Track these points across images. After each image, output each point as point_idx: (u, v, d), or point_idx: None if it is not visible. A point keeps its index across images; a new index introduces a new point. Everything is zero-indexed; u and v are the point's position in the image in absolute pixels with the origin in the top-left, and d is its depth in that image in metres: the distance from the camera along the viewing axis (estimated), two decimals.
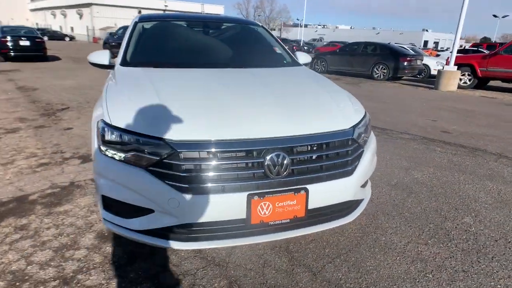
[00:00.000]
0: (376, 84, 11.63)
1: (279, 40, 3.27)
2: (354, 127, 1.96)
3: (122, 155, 1.67)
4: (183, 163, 1.60)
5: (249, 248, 2.08)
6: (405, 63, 12.72)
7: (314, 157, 1.80)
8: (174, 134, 1.63)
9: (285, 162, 1.68)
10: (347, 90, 2.57)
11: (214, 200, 1.61)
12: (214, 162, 1.62)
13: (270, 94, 2.10)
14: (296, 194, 1.71)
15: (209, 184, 1.61)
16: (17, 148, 3.77)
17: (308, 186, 1.74)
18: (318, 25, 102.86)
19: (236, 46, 3.05)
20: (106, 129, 1.74)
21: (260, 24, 3.49)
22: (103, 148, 1.73)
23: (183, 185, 1.59)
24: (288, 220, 1.75)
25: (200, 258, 1.99)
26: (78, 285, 1.76)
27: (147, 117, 1.73)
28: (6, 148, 3.77)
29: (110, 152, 1.70)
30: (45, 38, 40.41)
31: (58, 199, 2.64)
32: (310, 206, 1.78)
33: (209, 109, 1.82)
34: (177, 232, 1.69)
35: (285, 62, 3.03)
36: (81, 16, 46.17)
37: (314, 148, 1.80)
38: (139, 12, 48.12)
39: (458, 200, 2.85)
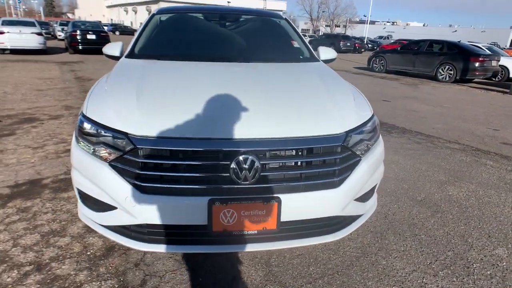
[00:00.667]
0: (438, 87, 10.61)
1: (300, 34, 3.06)
2: (347, 132, 1.72)
3: (92, 147, 1.65)
4: (142, 160, 1.53)
5: (226, 256, 1.96)
6: (476, 64, 11.40)
7: (291, 163, 1.61)
8: (138, 129, 1.57)
9: (254, 166, 1.52)
10: (402, 91, 2.32)
11: (173, 202, 1.52)
12: (175, 161, 1.53)
13: (260, 92, 1.94)
14: (265, 203, 1.54)
15: (169, 185, 1.52)
16: (52, 134, 4.07)
17: (281, 196, 1.56)
18: (387, 21, 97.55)
19: (249, 39, 2.91)
20: (82, 120, 1.74)
21: (284, 17, 3.31)
22: (79, 139, 1.74)
23: (141, 184, 1.52)
24: (256, 232, 1.59)
25: (174, 260, 1.92)
26: (49, 272, 1.79)
27: (118, 111, 1.69)
28: (43, 133, 4.10)
29: (82, 144, 1.70)
30: (117, 32, 44.10)
31: (66, 185, 2.76)
32: (284, 219, 1.60)
33: (184, 105, 1.72)
34: (138, 232, 1.63)
35: (301, 57, 2.82)
36: (149, 12, 49.37)
37: (292, 153, 1.61)
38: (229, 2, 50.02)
39: (495, 227, 2.41)
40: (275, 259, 1.97)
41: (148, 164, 1.53)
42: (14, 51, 13.17)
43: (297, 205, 1.61)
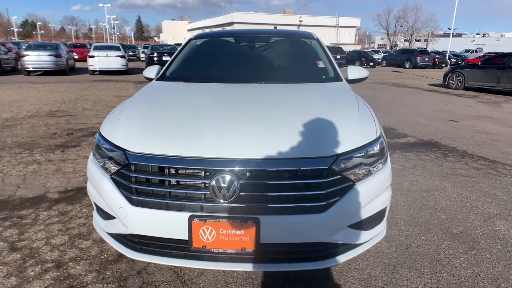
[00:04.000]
0: None
1: (329, 54, 3.02)
2: (338, 156, 1.66)
3: (101, 161, 1.86)
4: (134, 175, 1.67)
5: (221, 274, 1.99)
6: None
7: (272, 185, 1.60)
8: (134, 146, 1.72)
9: (232, 186, 1.56)
10: (477, 110, 2.24)
11: (157, 215, 1.62)
12: (160, 177, 1.64)
13: (260, 113, 1.99)
14: (243, 223, 1.56)
15: (154, 199, 1.64)
16: None
17: (261, 217, 1.56)
18: (477, 34, 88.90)
19: (274, 60, 2.98)
20: (97, 137, 1.98)
21: (315, 37, 3.30)
22: (94, 153, 1.97)
23: (132, 196, 1.67)
24: (235, 251, 1.61)
25: (173, 272, 2.02)
26: (64, 271, 2.03)
27: (124, 130, 1.88)
28: None
29: (95, 158, 1.92)
30: None
31: None
32: (264, 240, 1.59)
33: (180, 126, 1.85)
34: (132, 241, 1.77)
35: (323, 77, 2.78)
36: None
37: (273, 174, 1.61)
38: (275, 27, 51.67)
39: None
40: (268, 281, 1.94)
41: (138, 178, 1.67)
42: (102, 72, 15.15)
43: (278, 228, 1.59)
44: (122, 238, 1.80)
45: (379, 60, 32.27)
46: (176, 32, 77.36)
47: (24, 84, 11.23)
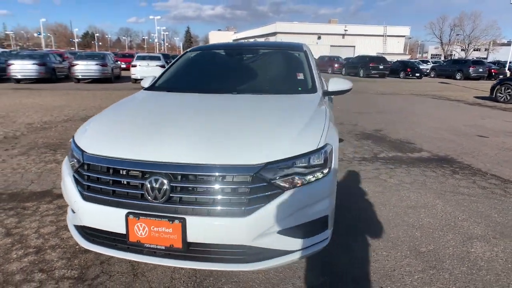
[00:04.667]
0: None
1: (312, 66, 3.09)
2: (268, 164, 1.76)
3: (71, 160, 2.13)
4: (86, 173, 1.91)
5: (170, 270, 2.15)
6: None
7: (199, 188, 1.75)
8: (90, 148, 1.97)
9: (163, 187, 1.73)
10: None
11: (101, 210, 1.83)
12: (106, 177, 1.86)
13: (213, 122, 2.14)
14: (171, 222, 1.72)
15: (100, 195, 1.85)
16: None
17: (187, 217, 1.71)
18: None
19: (256, 72, 3.12)
20: (72, 139, 2.26)
21: (304, 49, 3.39)
22: (68, 155, 2.25)
23: (84, 192, 1.90)
24: (164, 248, 1.77)
25: (130, 265, 2.22)
26: (41, 256, 2.32)
27: (90, 133, 2.14)
28: None
29: (68, 159, 2.20)
30: None
31: None
32: (191, 239, 1.74)
33: (134, 131, 2.06)
34: (87, 232, 2.00)
35: (299, 89, 2.86)
36: None
37: (201, 178, 1.76)
38: (319, 37, 51.46)
39: None
40: (211, 281, 2.06)
41: (90, 176, 1.90)
42: None
43: (203, 229, 1.72)
44: (81, 230, 2.04)
45: (427, 71, 30.79)
46: (221, 42, 79.88)
47: (72, 91, 12.39)
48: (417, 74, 26.84)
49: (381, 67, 26.04)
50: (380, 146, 5.50)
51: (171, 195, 1.74)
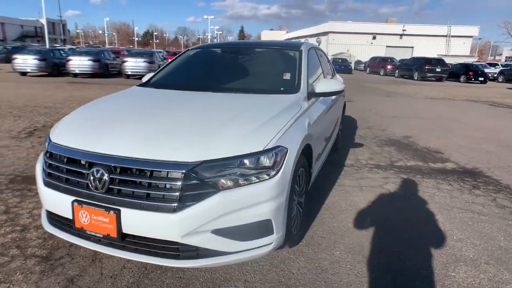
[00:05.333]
0: None
1: (302, 67, 3.00)
2: (203, 162, 1.77)
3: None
4: (47, 160, 2.06)
5: (125, 260, 2.22)
6: None
7: (135, 181, 1.80)
8: (55, 137, 2.12)
9: (103, 178, 1.81)
10: None
11: (54, 196, 1.97)
12: (60, 165, 1.99)
13: (173, 117, 2.20)
14: (108, 212, 1.80)
15: (55, 182, 1.99)
16: None
17: (122, 209, 1.78)
18: None
19: (245, 71, 3.11)
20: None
21: (301, 48, 3.30)
22: None
23: (44, 178, 2.05)
24: (102, 236, 1.85)
25: (93, 251, 2.34)
26: (23, 234, 2.54)
27: (61, 123, 2.31)
28: None
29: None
30: None
31: None
32: (126, 230, 1.80)
33: (97, 124, 2.18)
34: (49, 216, 2.15)
35: (281, 89, 2.80)
36: (319, 43, 52.51)
37: (137, 173, 1.81)
38: (374, 37, 49.40)
39: None
40: (157, 274, 2.11)
41: (50, 164, 2.05)
42: None
43: (135, 221, 1.78)
44: (48, 214, 2.20)
45: (494, 75, 28.13)
46: None
47: (120, 86, 13.26)
48: (481, 79, 24.65)
49: (438, 69, 24.33)
50: (402, 154, 5.17)
51: (110, 186, 1.81)
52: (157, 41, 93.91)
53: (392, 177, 4.10)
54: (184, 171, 1.75)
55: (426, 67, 24.27)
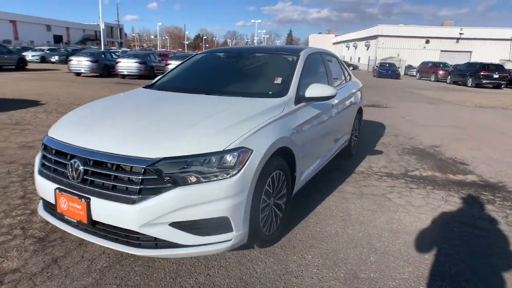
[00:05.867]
0: None
1: (296, 71, 3.05)
2: (162, 159, 1.91)
3: None
4: (43, 152, 2.33)
5: (105, 248, 2.43)
6: None
7: (103, 173, 1.99)
8: (51, 131, 2.39)
9: (79, 169, 2.03)
10: None
11: (44, 183, 2.24)
12: (50, 156, 2.25)
13: (151, 116, 2.38)
14: (80, 200, 2.01)
15: (45, 171, 2.26)
16: None
17: (92, 198, 1.98)
18: None
19: (239, 75, 3.24)
20: None
21: (300, 54, 3.34)
22: None
23: (39, 168, 2.33)
24: (76, 221, 2.07)
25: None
26: (30, 217, 2.86)
27: (61, 119, 2.60)
28: None
29: None
30: None
31: None
32: (95, 218, 2.00)
33: (88, 122, 2.42)
34: (44, 201, 2.42)
35: (270, 93, 2.86)
36: (368, 47, 50.98)
37: (104, 165, 2.00)
38: (427, 41, 46.93)
39: None
40: (130, 261, 2.29)
41: (43, 155, 2.32)
42: None
43: (102, 210, 1.97)
44: (43, 200, 2.48)
45: None
46: (321, 45, 79.34)
47: None
48: None
49: (495, 76, 22.56)
50: (421, 164, 4.95)
51: (84, 177, 2.02)
52: (207, 44, 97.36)
53: (399, 186, 3.97)
54: (144, 166, 1.90)
55: (482, 73, 22.60)
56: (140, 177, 1.91)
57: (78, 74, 17.90)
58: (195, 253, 2.02)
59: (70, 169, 2.06)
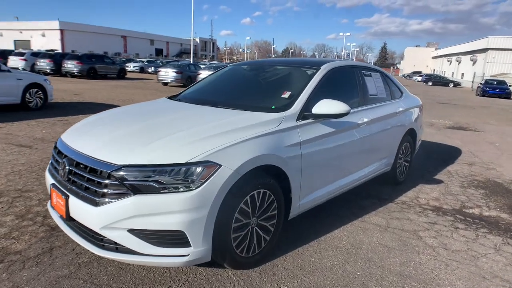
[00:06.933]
0: None
1: (311, 86, 2.91)
2: (125, 166, 2.01)
3: None
4: (53, 152, 2.64)
5: None
6: None
7: (78, 174, 2.18)
8: (63, 134, 2.70)
9: (65, 168, 2.25)
10: None
11: (48, 179, 2.53)
12: (54, 155, 2.54)
13: (146, 126, 2.51)
14: (62, 197, 2.22)
15: (51, 167, 2.56)
16: None
17: (70, 196, 2.18)
18: None
19: (253, 87, 3.22)
20: None
21: (322, 67, 3.18)
22: None
23: (49, 165, 2.65)
24: (59, 215, 2.29)
25: None
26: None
27: (76, 124, 2.91)
28: None
29: None
30: (430, 83, 44.29)
31: None
32: (72, 215, 2.19)
33: (91, 127, 2.66)
34: None
35: (272, 107, 2.77)
36: (474, 62, 45.68)
37: (80, 166, 2.18)
38: None
39: None
40: (106, 260, 2.42)
41: (53, 154, 2.63)
42: None
43: (75, 208, 2.15)
44: None
45: None
46: (418, 59, 73.91)
47: None
48: None
49: None
50: (487, 200, 4.22)
51: (69, 176, 2.24)
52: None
53: (441, 224, 3.44)
54: (108, 171, 2.02)
55: None
56: (105, 181, 2.03)
57: (165, 83, 19.84)
58: (151, 263, 2.05)
59: (61, 168, 2.31)
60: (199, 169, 2.02)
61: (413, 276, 2.50)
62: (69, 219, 2.21)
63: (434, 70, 65.83)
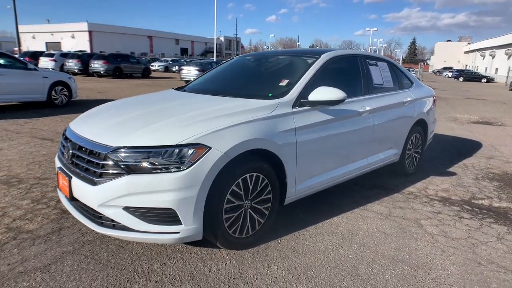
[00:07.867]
0: None
1: (308, 74, 2.97)
2: (119, 148, 2.15)
3: None
4: (61, 138, 2.84)
5: None
6: None
7: (79, 156, 2.35)
8: (72, 122, 2.90)
9: (69, 152, 2.44)
10: None
11: (57, 163, 2.72)
12: (61, 140, 2.73)
13: (147, 112, 2.66)
14: (67, 178, 2.40)
15: (59, 152, 2.75)
16: None
17: (73, 177, 2.35)
18: None
19: (255, 77, 3.31)
20: None
21: (320, 56, 3.22)
22: None
23: (58, 151, 2.85)
24: (64, 196, 2.47)
25: None
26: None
27: (88, 111, 3.11)
28: None
29: None
30: (461, 79, 42.59)
31: None
32: (74, 195, 2.36)
33: (96, 115, 2.84)
34: None
35: (269, 95, 2.85)
36: (509, 56, 43.57)
37: (82, 149, 2.35)
38: None
39: None
40: (109, 239, 2.59)
41: (61, 140, 2.83)
42: None
43: (77, 187, 2.32)
44: None
45: None
46: (449, 55, 71.18)
47: None
48: None
49: None
50: (499, 192, 4.11)
51: (72, 159, 2.42)
52: None
53: (446, 213, 3.40)
54: (105, 152, 2.18)
55: None
56: (102, 162, 2.18)
57: (188, 81, 20.24)
58: (145, 239, 2.19)
59: (65, 151, 2.49)
60: (190, 151, 2.13)
61: (406, 260, 2.51)
62: (72, 199, 2.39)
63: (466, 65, 63.26)
